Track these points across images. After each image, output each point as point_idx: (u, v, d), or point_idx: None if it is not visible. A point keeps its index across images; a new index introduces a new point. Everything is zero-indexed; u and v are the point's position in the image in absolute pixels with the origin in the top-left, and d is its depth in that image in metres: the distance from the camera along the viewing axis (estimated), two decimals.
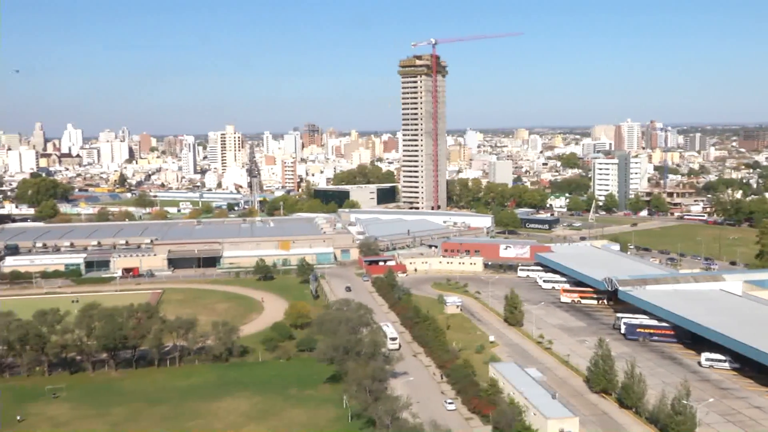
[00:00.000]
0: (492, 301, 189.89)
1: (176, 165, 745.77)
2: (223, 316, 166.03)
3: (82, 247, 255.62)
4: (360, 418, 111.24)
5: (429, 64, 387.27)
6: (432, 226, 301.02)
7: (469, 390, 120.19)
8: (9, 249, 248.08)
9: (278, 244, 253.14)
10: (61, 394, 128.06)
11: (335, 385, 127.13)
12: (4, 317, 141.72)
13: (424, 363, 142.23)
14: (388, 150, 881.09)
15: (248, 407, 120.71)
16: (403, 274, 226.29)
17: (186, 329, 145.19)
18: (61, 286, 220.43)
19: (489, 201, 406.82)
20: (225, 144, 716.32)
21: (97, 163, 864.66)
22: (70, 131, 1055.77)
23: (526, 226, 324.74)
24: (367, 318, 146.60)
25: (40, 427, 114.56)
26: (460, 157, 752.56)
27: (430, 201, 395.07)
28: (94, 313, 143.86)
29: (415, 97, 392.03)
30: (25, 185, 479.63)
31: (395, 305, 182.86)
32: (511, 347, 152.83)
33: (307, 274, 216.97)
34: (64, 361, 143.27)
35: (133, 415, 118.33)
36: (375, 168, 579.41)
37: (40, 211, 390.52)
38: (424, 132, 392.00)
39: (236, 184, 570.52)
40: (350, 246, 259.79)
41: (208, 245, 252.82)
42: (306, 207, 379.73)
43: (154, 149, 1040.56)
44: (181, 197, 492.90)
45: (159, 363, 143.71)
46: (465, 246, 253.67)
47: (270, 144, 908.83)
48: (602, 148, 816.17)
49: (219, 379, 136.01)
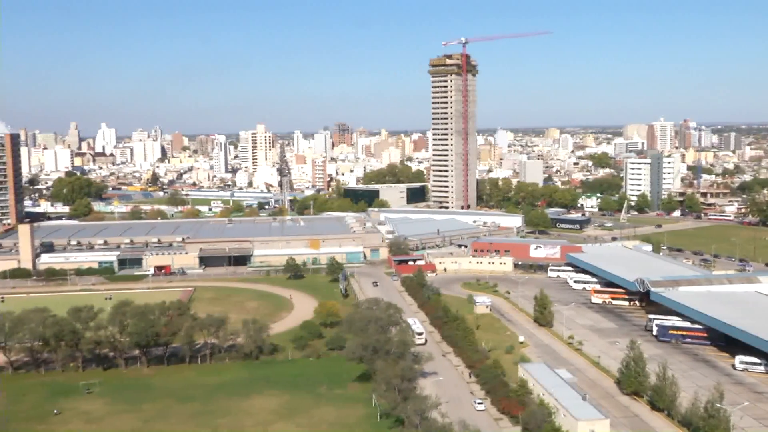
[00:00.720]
0: (522, 302, 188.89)
1: (208, 164, 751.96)
2: (253, 315, 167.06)
3: (115, 245, 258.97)
4: (389, 417, 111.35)
5: (459, 63, 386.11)
6: (462, 226, 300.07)
7: (499, 390, 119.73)
8: (44, 246, 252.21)
9: (308, 243, 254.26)
10: (95, 389, 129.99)
11: (364, 384, 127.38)
12: (40, 313, 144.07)
13: (453, 363, 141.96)
14: (418, 149, 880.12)
15: (278, 405, 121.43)
16: (433, 274, 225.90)
17: (217, 327, 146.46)
18: (94, 284, 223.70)
19: (519, 201, 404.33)
20: (256, 143, 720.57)
21: (130, 162, 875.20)
22: (104, 131, 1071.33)
23: (557, 226, 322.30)
24: (397, 317, 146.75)
25: (74, 421, 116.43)
26: (491, 157, 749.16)
27: (460, 200, 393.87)
28: (126, 310, 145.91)
29: (446, 96, 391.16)
30: (60, 184, 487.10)
31: (424, 305, 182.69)
32: (541, 348, 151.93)
33: (337, 273, 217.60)
34: (98, 357, 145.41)
35: (165, 412, 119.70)
36: (405, 167, 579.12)
37: (75, 209, 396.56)
38: (455, 131, 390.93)
39: (267, 183, 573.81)
40: (380, 245, 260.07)
41: (239, 244, 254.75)
42: (336, 206, 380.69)
43: (186, 148, 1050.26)
44: (212, 196, 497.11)
45: (190, 360, 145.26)
46: (495, 246, 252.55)
47: (300, 143, 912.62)
48: (635, 147, 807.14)
49: (249, 376, 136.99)
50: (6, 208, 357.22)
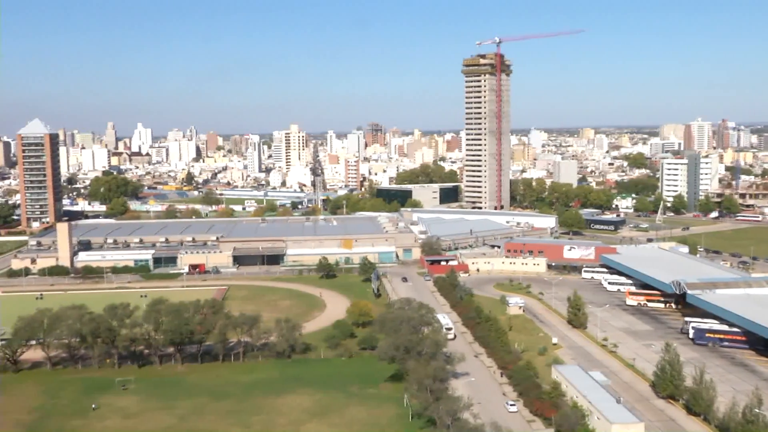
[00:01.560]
0: (555, 303, 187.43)
1: (242, 164, 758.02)
2: (286, 313, 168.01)
3: (150, 243, 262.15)
4: (420, 417, 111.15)
5: (493, 63, 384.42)
6: (495, 226, 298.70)
7: (532, 392, 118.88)
8: (82, 245, 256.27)
9: (341, 243, 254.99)
10: (130, 386, 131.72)
11: (396, 384, 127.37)
12: (77, 310, 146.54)
13: (485, 364, 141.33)
14: (451, 149, 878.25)
15: (310, 404, 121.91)
16: (465, 274, 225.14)
17: (250, 325, 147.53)
18: (130, 281, 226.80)
19: (553, 201, 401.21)
20: (289, 143, 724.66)
21: (165, 161, 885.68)
22: (140, 130, 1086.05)
23: (591, 227, 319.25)
24: (429, 317, 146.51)
25: (110, 417, 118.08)
26: (524, 157, 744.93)
27: (493, 201, 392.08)
28: (161, 308, 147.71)
29: (479, 96, 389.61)
30: (97, 183, 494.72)
31: (457, 305, 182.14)
32: (575, 350, 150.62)
33: (369, 272, 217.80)
34: (133, 354, 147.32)
35: (198, 409, 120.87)
36: (438, 167, 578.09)
37: (112, 208, 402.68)
38: (488, 131, 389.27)
39: (300, 182, 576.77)
40: (412, 245, 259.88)
41: (272, 243, 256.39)
42: (369, 206, 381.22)
43: (221, 148, 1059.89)
44: (246, 195, 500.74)
45: (223, 358, 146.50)
46: (528, 246, 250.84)
47: (334, 143, 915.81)
48: (671, 147, 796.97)
49: (281, 375, 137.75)
50: (45, 207, 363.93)
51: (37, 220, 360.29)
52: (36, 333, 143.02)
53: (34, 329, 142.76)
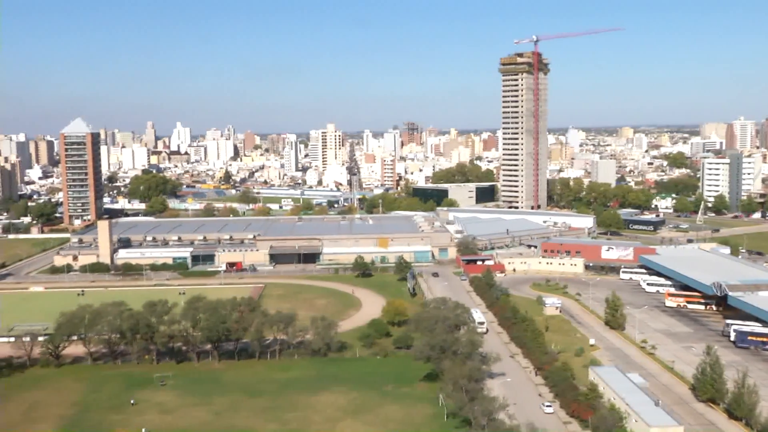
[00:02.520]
0: (593, 304, 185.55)
1: (278, 163, 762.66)
2: (322, 312, 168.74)
3: (188, 241, 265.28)
4: (456, 417, 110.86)
5: (530, 62, 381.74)
6: (531, 226, 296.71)
7: (568, 393, 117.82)
8: (122, 242, 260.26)
9: (377, 242, 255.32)
10: (168, 382, 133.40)
11: (431, 384, 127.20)
12: (117, 307, 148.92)
13: (521, 364, 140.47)
14: (487, 148, 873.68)
15: (345, 402, 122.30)
16: (502, 274, 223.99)
17: (286, 323, 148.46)
18: (168, 279, 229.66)
19: (591, 201, 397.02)
20: (326, 142, 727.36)
21: (203, 160, 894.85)
22: (179, 130, 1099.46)
23: (630, 227, 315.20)
24: (465, 317, 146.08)
25: (149, 412, 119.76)
26: (562, 156, 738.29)
27: (530, 200, 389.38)
28: (199, 305, 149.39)
29: (516, 95, 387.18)
30: (137, 181, 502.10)
31: (493, 305, 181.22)
32: (612, 351, 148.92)
33: (405, 271, 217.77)
34: (171, 351, 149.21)
35: (235, 406, 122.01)
36: (474, 166, 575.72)
37: (151, 206, 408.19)
38: (525, 130, 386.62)
39: (336, 181, 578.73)
40: (448, 245, 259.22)
41: (309, 241, 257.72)
42: (404, 205, 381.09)
43: (258, 147, 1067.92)
44: (282, 194, 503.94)
45: (260, 356, 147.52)
46: (565, 246, 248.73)
47: (370, 142, 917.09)
48: (712, 147, 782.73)
49: (317, 373, 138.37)
50: (86, 205, 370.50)
51: (78, 217, 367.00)
52: (77, 328, 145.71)
53: (75, 325, 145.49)
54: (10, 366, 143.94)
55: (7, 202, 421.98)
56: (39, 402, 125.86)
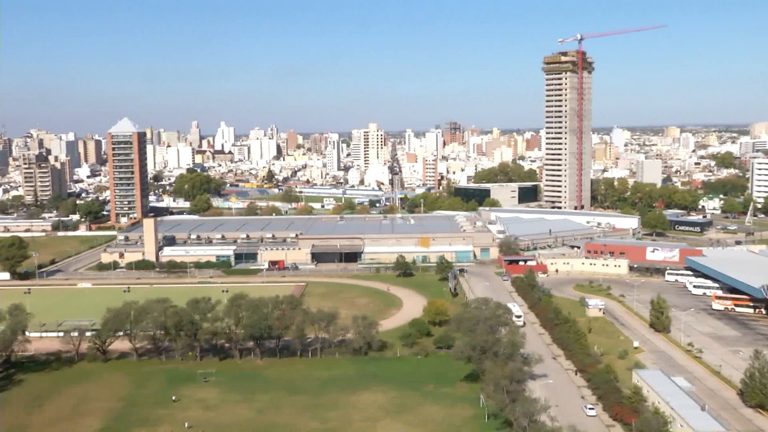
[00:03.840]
0: (637, 306, 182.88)
1: (321, 162, 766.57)
2: (363, 311, 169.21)
3: (232, 239, 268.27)
4: (497, 418, 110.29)
5: (574, 60, 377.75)
6: (575, 227, 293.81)
7: (611, 396, 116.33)
8: (167, 240, 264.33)
9: (418, 241, 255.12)
10: (211, 378, 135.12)
11: (472, 384, 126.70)
12: (162, 303, 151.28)
13: (563, 366, 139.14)
14: (530, 148, 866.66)
15: (386, 401, 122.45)
16: (544, 275, 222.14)
17: (327, 322, 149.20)
18: (212, 276, 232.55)
19: (635, 201, 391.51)
20: (368, 141, 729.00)
21: (247, 159, 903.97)
22: (223, 129, 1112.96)
23: (676, 229, 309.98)
24: (506, 318, 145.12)
25: (192, 408, 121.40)
26: (606, 156, 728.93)
27: (574, 200, 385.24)
28: (242, 303, 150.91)
29: (560, 94, 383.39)
30: (182, 180, 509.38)
31: (535, 306, 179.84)
32: (657, 354, 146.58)
33: (446, 271, 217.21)
34: (214, 348, 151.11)
35: (276, 403, 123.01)
36: (517, 166, 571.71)
37: (195, 204, 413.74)
38: (569, 130, 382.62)
39: (378, 181, 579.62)
40: (490, 245, 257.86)
41: (350, 241, 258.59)
42: (446, 205, 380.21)
43: (300, 146, 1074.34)
44: (324, 193, 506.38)
45: (301, 353, 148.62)
46: (609, 247, 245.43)
47: (412, 142, 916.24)
48: (762, 146, 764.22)
49: (358, 372, 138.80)
50: (133, 203, 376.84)
51: (125, 215, 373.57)
52: (123, 324, 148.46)
53: (121, 321, 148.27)
54: (59, 360, 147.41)
55: (57, 200, 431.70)
56: (87, 395, 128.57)
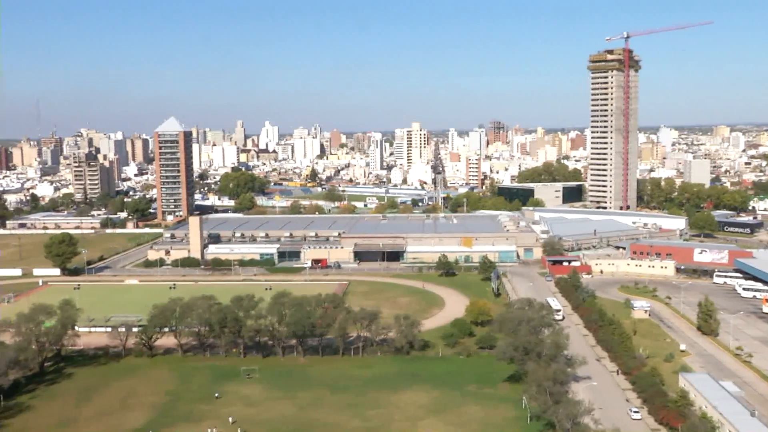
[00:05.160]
0: (684, 308, 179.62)
1: (364, 161, 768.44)
2: (405, 310, 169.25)
3: (275, 238, 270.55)
4: (539, 420, 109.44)
5: (621, 59, 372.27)
6: (620, 227, 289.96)
7: (657, 400, 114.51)
8: (212, 238, 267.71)
9: (461, 241, 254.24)
10: (254, 375, 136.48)
11: (515, 385, 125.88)
12: (206, 300, 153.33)
13: (608, 368, 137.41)
14: (575, 147, 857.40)
15: (427, 401, 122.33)
16: (588, 276, 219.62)
17: (369, 321, 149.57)
18: (256, 274, 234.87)
19: (683, 202, 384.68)
20: (411, 141, 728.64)
21: (290, 158, 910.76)
22: (267, 128, 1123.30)
23: (725, 230, 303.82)
24: (549, 319, 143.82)
25: (235, 404, 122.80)
26: (653, 156, 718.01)
27: (619, 201, 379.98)
28: (285, 301, 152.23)
29: (606, 93, 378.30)
30: (226, 179, 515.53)
31: (579, 307, 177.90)
32: (704, 358, 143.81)
33: (489, 271, 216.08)
34: (258, 345, 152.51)
35: (318, 400, 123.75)
36: (561, 166, 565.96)
37: (240, 203, 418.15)
38: (614, 129, 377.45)
39: (421, 180, 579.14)
40: (533, 245, 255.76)
41: (393, 240, 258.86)
42: (489, 204, 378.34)
43: (344, 146, 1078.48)
44: (367, 192, 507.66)
45: (343, 352, 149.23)
46: (655, 248, 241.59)
47: (455, 141, 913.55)
48: None
49: (399, 371, 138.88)
50: (179, 201, 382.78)
51: (171, 213, 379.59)
52: (169, 321, 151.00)
53: (167, 317, 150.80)
54: (107, 354, 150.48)
55: (105, 198, 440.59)
56: (133, 390, 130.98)
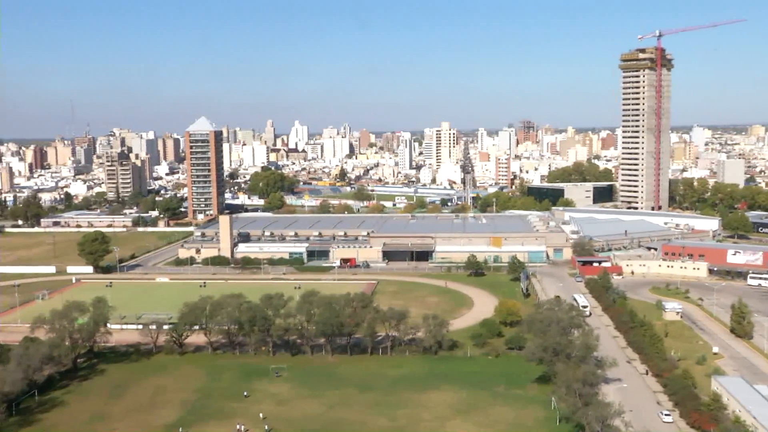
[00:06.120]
0: (717, 310, 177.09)
1: (393, 160, 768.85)
2: (434, 310, 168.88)
3: (304, 237, 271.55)
4: (568, 421, 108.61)
5: (653, 57, 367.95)
6: (651, 228, 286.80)
7: (689, 403, 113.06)
8: (241, 236, 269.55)
9: (490, 241, 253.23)
10: (283, 373, 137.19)
11: (544, 386, 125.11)
12: (236, 299, 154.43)
13: (638, 370, 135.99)
14: (606, 147, 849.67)
15: (455, 401, 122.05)
16: (619, 277, 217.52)
17: (398, 320, 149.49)
18: (285, 273, 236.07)
19: (716, 202, 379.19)
20: (440, 140, 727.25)
21: (320, 157, 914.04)
22: (297, 128, 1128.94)
23: (759, 231, 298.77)
24: (579, 320, 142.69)
25: (264, 402, 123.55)
26: (685, 155, 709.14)
27: (651, 201, 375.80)
28: (314, 300, 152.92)
29: (637, 92, 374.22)
30: (256, 178, 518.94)
31: (609, 308, 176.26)
32: (738, 361, 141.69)
33: (518, 271, 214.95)
34: (287, 343, 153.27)
35: (347, 399, 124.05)
36: (591, 166, 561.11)
37: (269, 202, 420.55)
38: (646, 128, 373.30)
39: (450, 179, 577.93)
40: (563, 245, 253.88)
41: (421, 239, 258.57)
42: (519, 204, 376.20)
43: (373, 145, 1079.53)
44: (396, 192, 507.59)
45: (372, 351, 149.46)
46: (688, 249, 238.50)
47: (484, 140, 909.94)
48: None
49: (428, 371, 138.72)
50: (209, 200, 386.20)
51: (201, 212, 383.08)
52: (199, 318, 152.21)
53: (197, 315, 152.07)
54: (138, 351, 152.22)
55: (137, 197, 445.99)
56: (164, 387, 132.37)
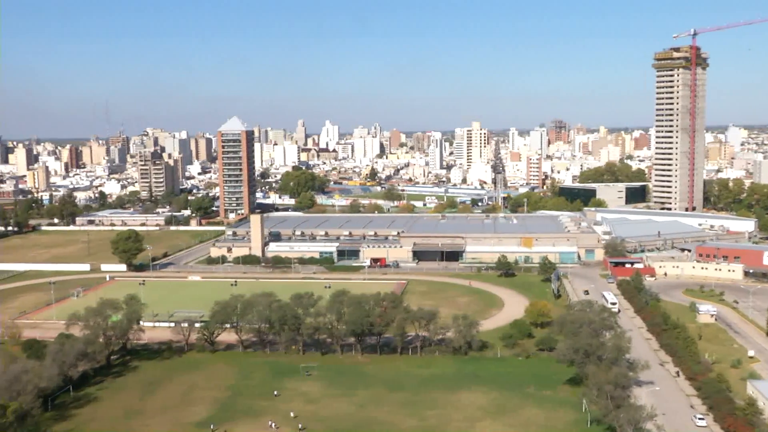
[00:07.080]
0: (752, 313, 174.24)
1: (423, 160, 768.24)
2: (464, 310, 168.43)
3: (335, 236, 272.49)
4: (599, 424, 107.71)
5: (687, 56, 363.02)
6: (685, 229, 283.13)
7: (723, 407, 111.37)
8: (272, 236, 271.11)
9: (521, 241, 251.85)
10: (314, 372, 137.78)
11: (575, 388, 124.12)
12: (267, 298, 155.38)
13: (671, 373, 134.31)
14: (639, 147, 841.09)
15: (485, 402, 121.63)
16: (652, 278, 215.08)
17: (428, 320, 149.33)
18: (315, 272, 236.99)
19: (752, 203, 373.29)
20: (471, 140, 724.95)
21: (350, 157, 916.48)
22: (327, 127, 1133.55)
23: None
24: (611, 321, 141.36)
25: (294, 400, 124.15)
26: (720, 156, 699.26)
27: (684, 202, 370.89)
28: (344, 299, 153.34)
29: (671, 91, 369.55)
30: (287, 177, 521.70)
31: (641, 310, 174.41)
32: None
33: (549, 272, 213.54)
34: (317, 342, 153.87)
35: (376, 399, 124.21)
36: (624, 166, 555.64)
37: (300, 201, 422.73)
38: (680, 128, 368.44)
39: (480, 179, 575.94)
40: (595, 246, 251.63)
41: (452, 239, 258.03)
42: (550, 204, 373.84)
43: (403, 145, 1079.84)
44: (426, 191, 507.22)
45: (401, 351, 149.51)
46: (723, 251, 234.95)
47: (515, 140, 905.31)
48: None
49: (457, 371, 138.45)
50: (241, 199, 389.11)
51: (233, 211, 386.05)
52: (230, 317, 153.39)
53: (228, 313, 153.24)
54: (171, 349, 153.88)
55: (170, 196, 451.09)
56: (196, 384, 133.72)
